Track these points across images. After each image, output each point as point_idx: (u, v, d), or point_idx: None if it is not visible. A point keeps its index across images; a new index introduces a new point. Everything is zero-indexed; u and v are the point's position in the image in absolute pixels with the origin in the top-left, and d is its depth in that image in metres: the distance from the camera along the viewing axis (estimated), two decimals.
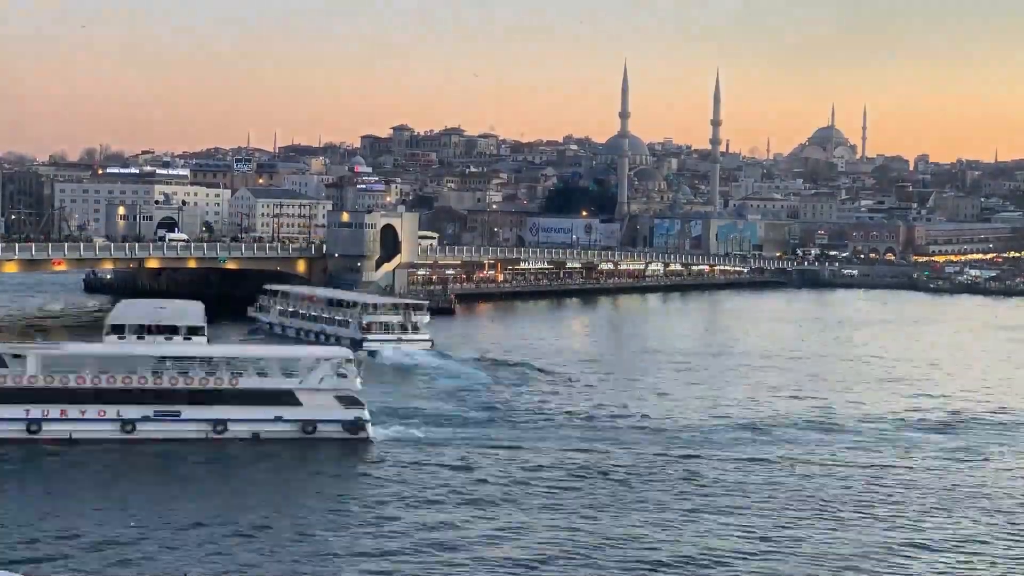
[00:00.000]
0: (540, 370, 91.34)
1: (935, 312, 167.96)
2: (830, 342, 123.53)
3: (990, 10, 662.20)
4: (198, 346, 76.12)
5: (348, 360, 64.94)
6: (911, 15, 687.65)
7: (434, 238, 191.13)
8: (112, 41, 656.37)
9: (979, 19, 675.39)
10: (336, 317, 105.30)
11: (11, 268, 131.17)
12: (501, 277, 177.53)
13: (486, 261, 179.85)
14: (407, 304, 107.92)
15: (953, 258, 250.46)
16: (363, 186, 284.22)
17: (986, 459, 63.56)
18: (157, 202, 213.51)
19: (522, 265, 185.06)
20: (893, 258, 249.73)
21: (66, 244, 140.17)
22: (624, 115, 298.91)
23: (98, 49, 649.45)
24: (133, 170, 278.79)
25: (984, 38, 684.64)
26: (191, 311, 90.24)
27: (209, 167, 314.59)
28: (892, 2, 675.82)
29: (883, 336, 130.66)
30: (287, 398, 61.79)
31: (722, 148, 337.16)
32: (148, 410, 60.30)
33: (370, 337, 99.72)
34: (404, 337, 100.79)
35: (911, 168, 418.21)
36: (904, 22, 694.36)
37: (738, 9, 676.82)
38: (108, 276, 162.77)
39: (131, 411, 60.03)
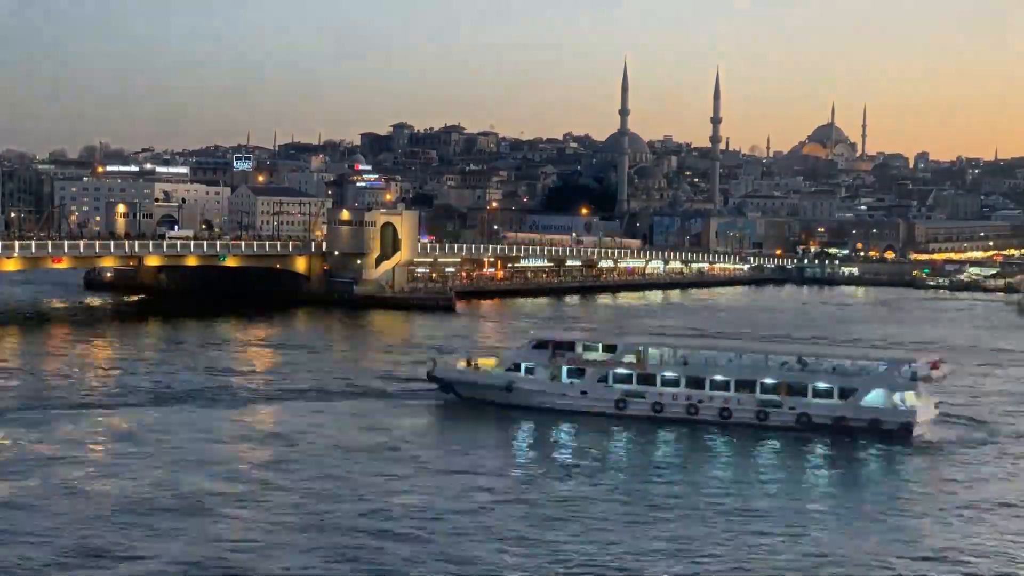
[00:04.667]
0: None
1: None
2: None
3: (991, 7, 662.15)
4: None
5: None
6: (911, 12, 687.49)
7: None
8: (112, 39, 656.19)
9: (979, 16, 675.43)
10: None
11: (11, 265, 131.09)
12: (501, 275, 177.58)
13: (486, 259, 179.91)
14: None
15: (953, 256, 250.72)
16: (363, 184, 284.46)
17: None
18: (157, 200, 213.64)
19: (522, 263, 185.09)
20: (893, 256, 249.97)
21: (66, 241, 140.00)
22: (624, 112, 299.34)
23: (97, 47, 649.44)
24: (133, 168, 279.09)
25: (984, 35, 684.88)
26: None
27: (209, 165, 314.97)
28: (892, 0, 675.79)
29: None
30: None
31: (722, 146, 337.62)
32: None
33: None
34: None
35: (911, 166, 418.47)
36: (904, 19, 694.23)
37: (738, 6, 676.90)
38: (108, 273, 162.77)
39: None
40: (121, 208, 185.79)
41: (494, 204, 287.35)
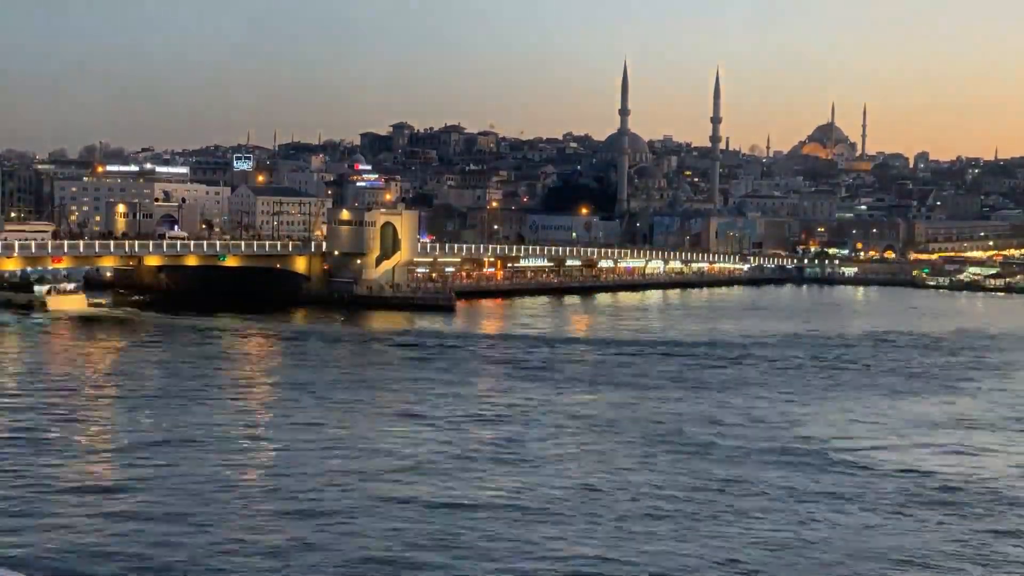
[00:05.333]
0: None
1: None
2: None
3: (991, 6, 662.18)
4: None
5: None
6: (911, 12, 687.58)
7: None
8: (112, 39, 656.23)
9: (979, 15, 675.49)
10: None
11: (11, 265, 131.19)
12: (501, 274, 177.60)
13: (486, 259, 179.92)
14: None
15: (953, 255, 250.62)
16: (363, 183, 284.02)
17: None
18: (157, 200, 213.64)
19: (522, 263, 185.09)
20: (893, 256, 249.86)
21: (66, 241, 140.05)
22: (624, 112, 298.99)
23: (97, 46, 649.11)
24: (133, 168, 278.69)
25: (985, 34, 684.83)
26: None
27: (209, 164, 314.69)
28: None
29: None
30: None
31: (722, 145, 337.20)
32: None
33: None
34: None
35: (911, 165, 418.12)
36: (904, 19, 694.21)
37: (738, 6, 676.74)
38: (108, 273, 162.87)
39: None
40: (121, 208, 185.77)
41: (494, 204, 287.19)
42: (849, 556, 44.60)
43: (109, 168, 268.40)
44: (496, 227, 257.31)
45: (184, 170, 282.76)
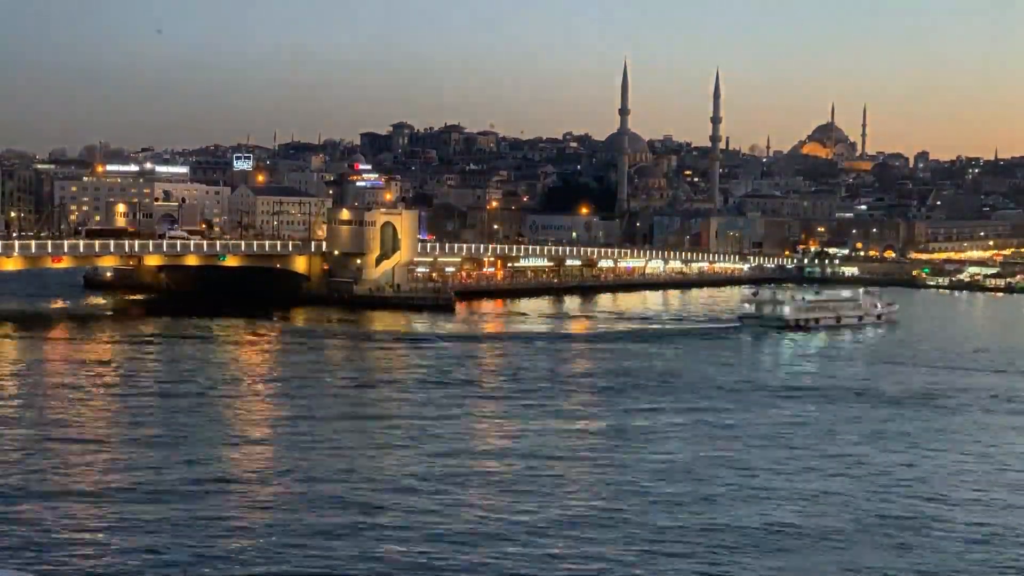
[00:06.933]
0: None
1: None
2: None
3: (991, 6, 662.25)
4: None
5: None
6: (911, 11, 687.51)
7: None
8: (112, 39, 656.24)
9: (979, 15, 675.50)
10: None
11: (11, 265, 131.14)
12: (501, 275, 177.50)
13: (486, 259, 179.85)
14: None
15: (953, 255, 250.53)
16: (363, 183, 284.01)
17: None
18: (157, 199, 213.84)
19: (522, 263, 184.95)
20: (893, 255, 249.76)
21: (66, 241, 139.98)
22: (624, 112, 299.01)
23: (98, 47, 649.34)
24: (133, 167, 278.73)
25: (984, 34, 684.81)
26: None
27: (209, 164, 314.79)
28: None
29: None
30: None
31: (722, 145, 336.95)
32: None
33: None
34: None
35: (911, 165, 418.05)
36: (904, 19, 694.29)
37: (738, 6, 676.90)
38: (108, 273, 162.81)
39: None
40: (121, 207, 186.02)
41: (494, 203, 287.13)
42: None
43: (109, 168, 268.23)
44: (496, 227, 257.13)
45: (184, 170, 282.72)
